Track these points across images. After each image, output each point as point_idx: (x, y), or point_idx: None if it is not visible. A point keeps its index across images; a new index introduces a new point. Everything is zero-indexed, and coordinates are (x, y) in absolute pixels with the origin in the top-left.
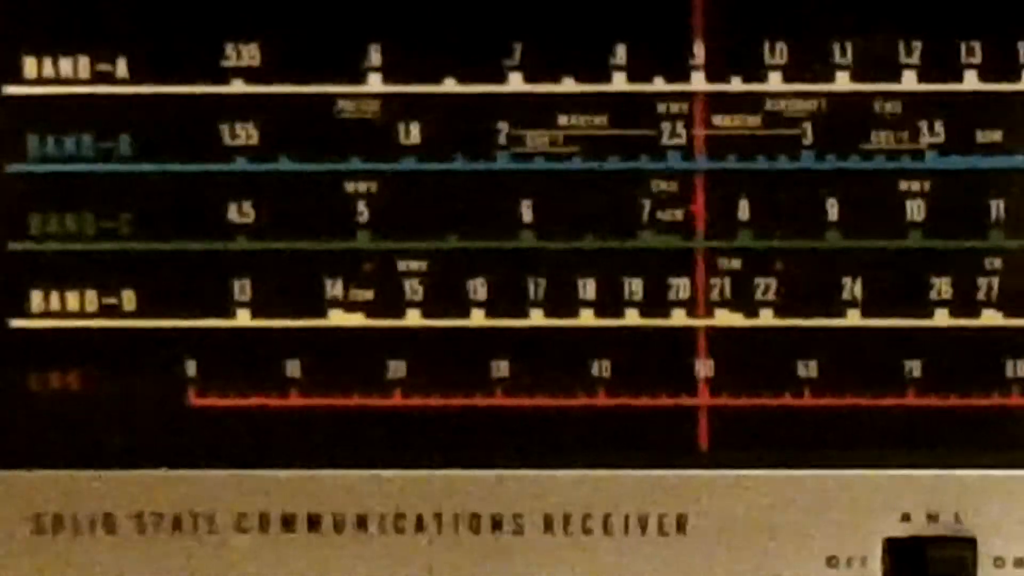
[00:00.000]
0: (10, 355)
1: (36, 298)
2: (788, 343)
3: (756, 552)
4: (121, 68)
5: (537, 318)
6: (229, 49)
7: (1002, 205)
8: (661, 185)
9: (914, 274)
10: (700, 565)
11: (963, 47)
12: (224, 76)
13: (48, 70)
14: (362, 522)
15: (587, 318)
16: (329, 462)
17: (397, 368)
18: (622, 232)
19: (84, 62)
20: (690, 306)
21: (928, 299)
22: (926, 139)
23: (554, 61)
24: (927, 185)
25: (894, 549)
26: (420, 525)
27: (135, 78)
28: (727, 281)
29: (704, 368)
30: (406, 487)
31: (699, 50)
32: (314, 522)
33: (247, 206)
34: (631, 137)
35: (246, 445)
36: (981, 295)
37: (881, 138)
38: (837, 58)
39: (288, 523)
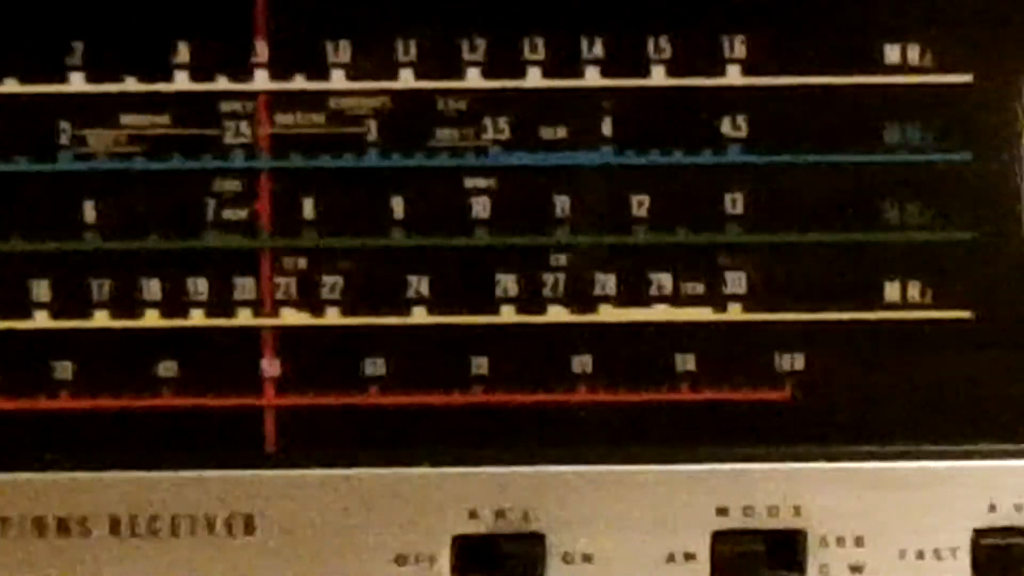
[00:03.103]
0: None
1: None
2: (355, 341)
3: (325, 552)
4: None
5: (102, 319)
6: None
7: (567, 201)
8: (225, 184)
9: (480, 271)
10: (269, 566)
11: (526, 44)
12: None
13: None
14: None
15: (152, 318)
16: None
17: None
18: (186, 232)
19: None
20: (256, 305)
21: (494, 296)
22: (490, 136)
23: (116, 60)
24: (492, 182)
25: (463, 547)
26: None
27: None
28: (293, 280)
29: (271, 368)
30: None
31: (262, 48)
32: None
33: None
34: (194, 136)
35: None
36: (547, 291)
37: (445, 135)
38: (400, 56)
39: None
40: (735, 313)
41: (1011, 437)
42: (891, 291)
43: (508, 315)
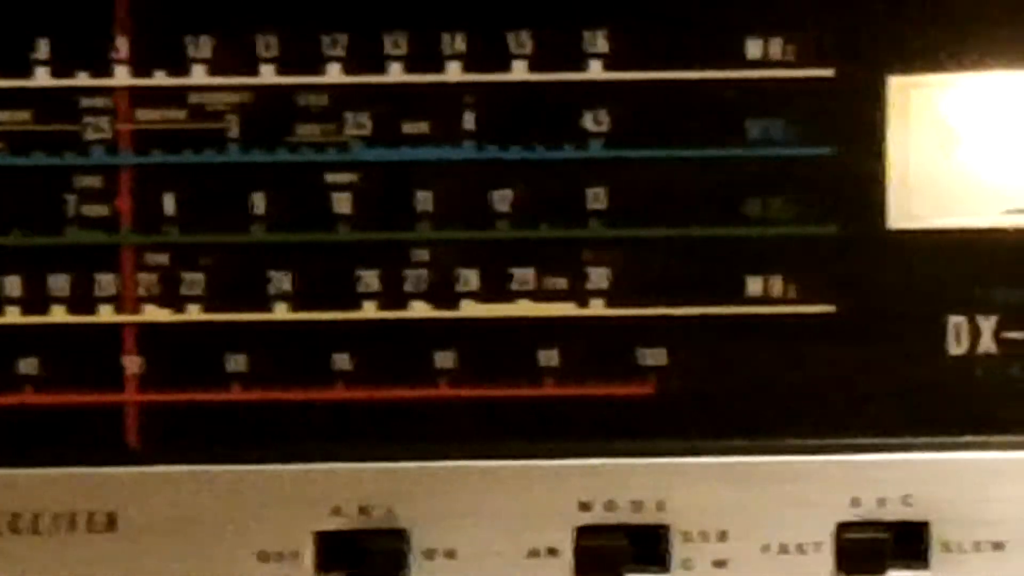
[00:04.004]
0: None
1: None
2: (217, 338)
3: (188, 549)
4: None
5: None
6: None
7: (429, 197)
8: (86, 180)
9: (342, 267)
10: (131, 563)
11: (386, 39)
12: None
13: None
14: None
15: (13, 315)
16: None
17: None
18: (47, 228)
19: None
20: (117, 302)
21: (356, 292)
22: (351, 131)
23: None
24: (353, 178)
25: (326, 543)
26: None
27: None
28: (154, 276)
29: (132, 364)
30: None
31: (122, 44)
32: None
33: None
34: (55, 132)
35: None
36: (409, 287)
37: (306, 131)
38: (261, 51)
39: None
40: (598, 308)
41: (874, 431)
42: (754, 286)
43: (370, 311)
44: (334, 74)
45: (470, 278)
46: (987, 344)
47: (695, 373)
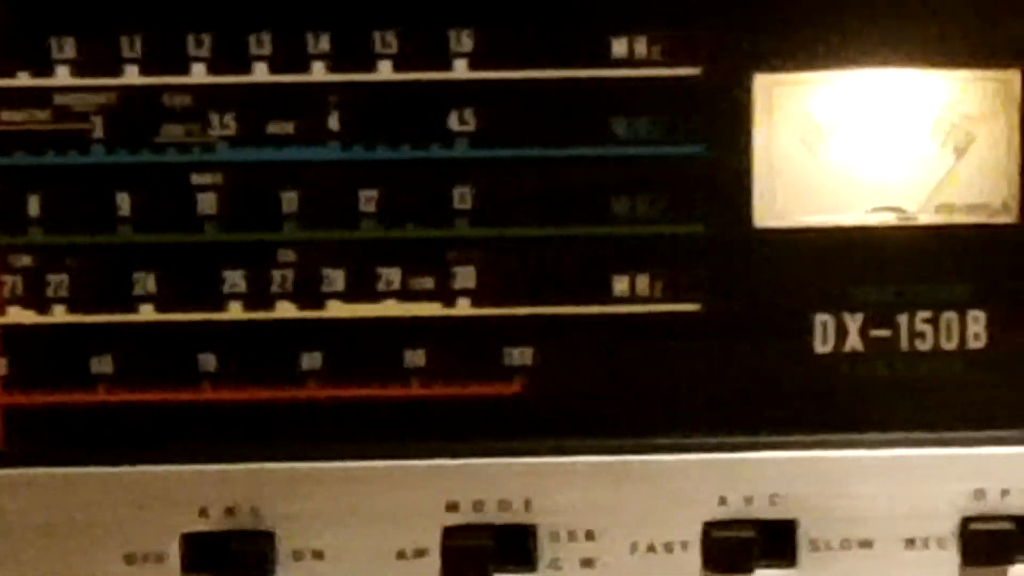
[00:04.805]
0: None
1: None
2: (82, 339)
3: (54, 551)
4: None
5: None
6: None
7: (295, 197)
8: None
9: (207, 268)
10: None
11: (252, 39)
12: None
13: None
14: None
15: None
16: None
17: None
18: None
19: None
20: None
21: (222, 292)
22: (216, 132)
23: None
24: (219, 178)
25: (192, 544)
26: None
27: None
28: (19, 278)
29: None
30: None
31: None
32: None
33: None
34: None
35: None
36: (275, 288)
37: (172, 131)
38: (126, 52)
39: None
40: (464, 308)
41: (741, 430)
42: (620, 284)
43: (236, 312)
44: (199, 74)
45: (336, 278)
46: (853, 342)
47: (562, 372)
